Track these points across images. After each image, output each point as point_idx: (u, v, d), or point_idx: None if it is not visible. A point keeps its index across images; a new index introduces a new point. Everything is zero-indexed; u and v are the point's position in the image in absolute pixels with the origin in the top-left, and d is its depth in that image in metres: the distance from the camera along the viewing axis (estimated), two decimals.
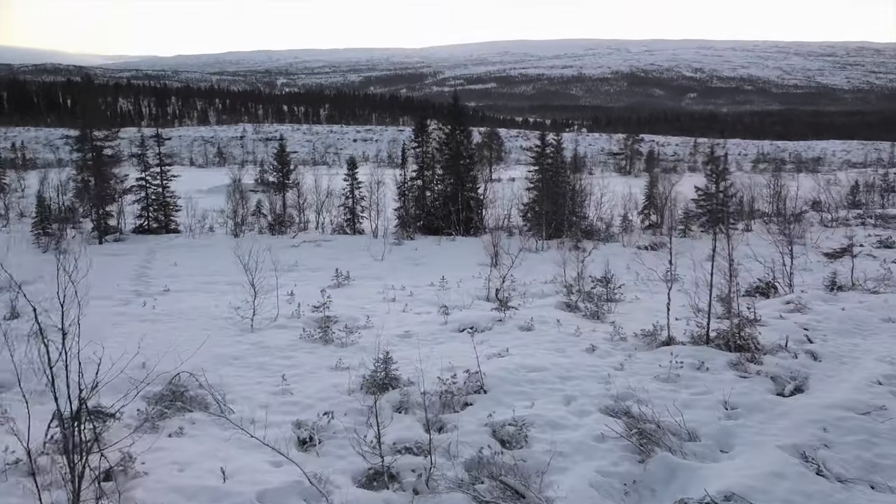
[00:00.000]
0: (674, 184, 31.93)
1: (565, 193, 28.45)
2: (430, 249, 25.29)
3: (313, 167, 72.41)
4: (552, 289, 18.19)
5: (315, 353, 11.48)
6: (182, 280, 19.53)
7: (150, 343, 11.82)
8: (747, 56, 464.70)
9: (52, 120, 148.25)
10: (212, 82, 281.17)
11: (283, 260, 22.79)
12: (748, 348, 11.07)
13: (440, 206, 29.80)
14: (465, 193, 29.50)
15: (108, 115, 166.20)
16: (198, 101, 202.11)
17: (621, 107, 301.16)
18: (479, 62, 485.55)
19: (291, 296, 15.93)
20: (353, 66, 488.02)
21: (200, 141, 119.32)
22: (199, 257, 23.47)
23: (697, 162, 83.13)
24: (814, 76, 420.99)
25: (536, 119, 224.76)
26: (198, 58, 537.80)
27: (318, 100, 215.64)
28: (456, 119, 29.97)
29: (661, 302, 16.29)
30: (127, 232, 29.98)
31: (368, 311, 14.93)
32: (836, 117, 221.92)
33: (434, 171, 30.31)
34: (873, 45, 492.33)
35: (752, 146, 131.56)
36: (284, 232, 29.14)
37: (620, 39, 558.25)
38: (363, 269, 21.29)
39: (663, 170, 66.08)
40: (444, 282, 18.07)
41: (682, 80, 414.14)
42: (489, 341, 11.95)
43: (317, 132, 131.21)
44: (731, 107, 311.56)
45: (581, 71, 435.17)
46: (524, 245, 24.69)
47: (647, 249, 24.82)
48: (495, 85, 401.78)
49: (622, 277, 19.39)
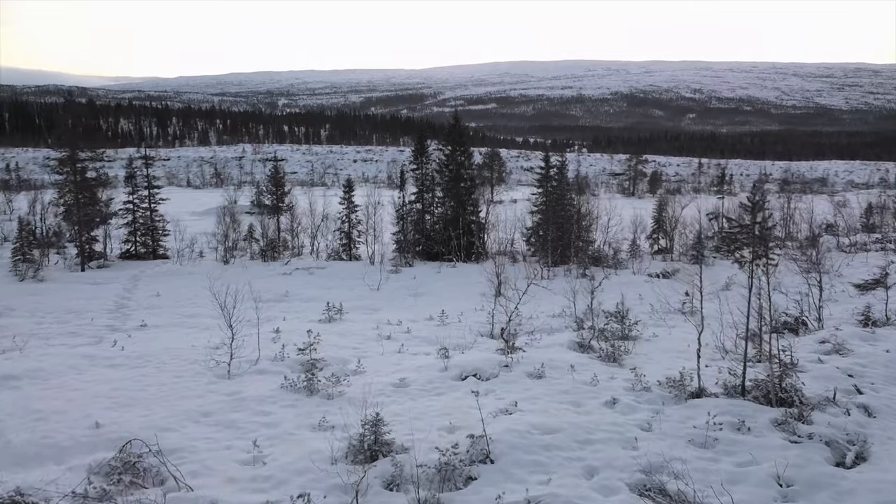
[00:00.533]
0: (683, 206, 30.71)
1: (571, 217, 27.20)
2: (430, 278, 23.95)
3: (311, 188, 71.44)
4: (561, 323, 16.82)
5: (297, 406, 10.08)
6: (162, 313, 18.17)
7: (111, 394, 10.46)
8: (746, 77, 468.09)
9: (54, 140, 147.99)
10: (213, 103, 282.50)
11: (273, 289, 21.49)
12: (792, 402, 9.67)
13: (440, 229, 28.55)
14: (466, 217, 28.26)
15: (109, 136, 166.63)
16: (198, 121, 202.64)
17: (621, 127, 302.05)
18: (479, 83, 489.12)
19: (277, 333, 14.57)
20: (354, 86, 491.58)
21: (200, 161, 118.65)
22: (185, 286, 22.13)
23: (702, 183, 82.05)
24: (812, 97, 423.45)
25: (537, 139, 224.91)
26: (200, 79, 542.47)
27: (318, 120, 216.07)
28: (456, 139, 28.88)
29: (681, 340, 14.95)
30: (113, 257, 28.69)
31: (361, 352, 13.56)
32: (835, 137, 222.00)
33: (434, 194, 29.13)
34: (871, 66, 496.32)
35: (754, 166, 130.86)
36: (277, 258, 27.85)
37: (620, 61, 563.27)
38: (358, 300, 19.95)
39: (667, 191, 64.96)
40: (444, 316, 16.72)
41: (681, 101, 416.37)
42: (495, 392, 10.56)
43: (316, 152, 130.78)
44: (730, 127, 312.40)
45: (581, 92, 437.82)
46: (529, 274, 23.37)
47: (660, 277, 23.50)
48: (495, 105, 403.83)
49: (636, 309, 18.02)
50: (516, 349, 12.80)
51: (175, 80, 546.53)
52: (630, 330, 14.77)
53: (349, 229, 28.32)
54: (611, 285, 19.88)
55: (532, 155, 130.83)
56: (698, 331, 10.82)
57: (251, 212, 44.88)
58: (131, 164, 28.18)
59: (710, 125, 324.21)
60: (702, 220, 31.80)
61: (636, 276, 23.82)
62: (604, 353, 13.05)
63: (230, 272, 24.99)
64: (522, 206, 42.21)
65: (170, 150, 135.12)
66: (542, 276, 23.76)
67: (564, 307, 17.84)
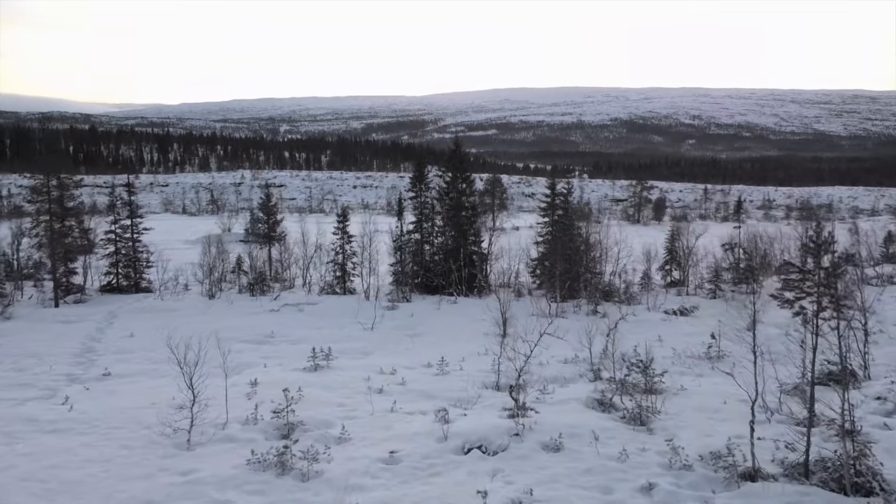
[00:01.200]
0: (697, 236, 29.11)
1: (579, 248, 25.55)
2: (429, 315, 22.19)
3: (309, 214, 70.05)
4: (575, 371, 15.04)
5: (265, 492, 8.28)
6: (131, 358, 16.39)
7: (43, 475, 8.65)
8: (744, 103, 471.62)
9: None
10: (215, 129, 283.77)
11: (258, 328, 19.76)
12: (871, 489, 7.88)
13: (440, 261, 26.89)
14: (467, 247, 26.62)
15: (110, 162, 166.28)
16: (199, 147, 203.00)
17: (621, 153, 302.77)
18: (479, 109, 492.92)
19: (254, 386, 12.78)
20: (356, 113, 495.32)
21: (199, 187, 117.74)
22: (163, 325, 20.29)
23: (709, 210, 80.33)
24: (811, 123, 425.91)
25: (537, 165, 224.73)
26: (203, 106, 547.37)
27: (319, 146, 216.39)
28: (457, 166, 27.43)
29: (714, 394, 13.18)
30: (93, 291, 26.97)
31: (347, 411, 11.78)
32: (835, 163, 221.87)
33: (433, 223, 27.53)
34: (868, 92, 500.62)
35: (758, 192, 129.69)
36: (266, 291, 26.14)
37: (619, 88, 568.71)
38: (349, 342, 18.17)
39: (672, 217, 63.31)
40: (444, 363, 14.93)
41: (680, 127, 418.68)
42: (504, 472, 8.75)
43: (316, 178, 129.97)
44: (729, 153, 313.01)
45: (580, 118, 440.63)
46: (536, 310, 21.64)
47: (678, 315, 21.73)
48: (496, 132, 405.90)
49: (656, 353, 16.22)
50: (527, 409, 11.02)
51: (178, 107, 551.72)
52: (655, 382, 12.99)
53: (343, 261, 26.66)
54: (625, 324, 18.12)
55: (533, 181, 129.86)
56: (751, 398, 9.04)
57: (245, 240, 43.23)
58: (114, 192, 26.65)
59: (709, 151, 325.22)
60: (715, 250, 30.17)
61: (652, 314, 22.05)
62: (629, 414, 11.26)
63: (214, 308, 23.29)
64: (525, 234, 40.60)
65: (168, 177, 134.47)
66: (549, 313, 22.01)
67: (577, 351, 16.08)
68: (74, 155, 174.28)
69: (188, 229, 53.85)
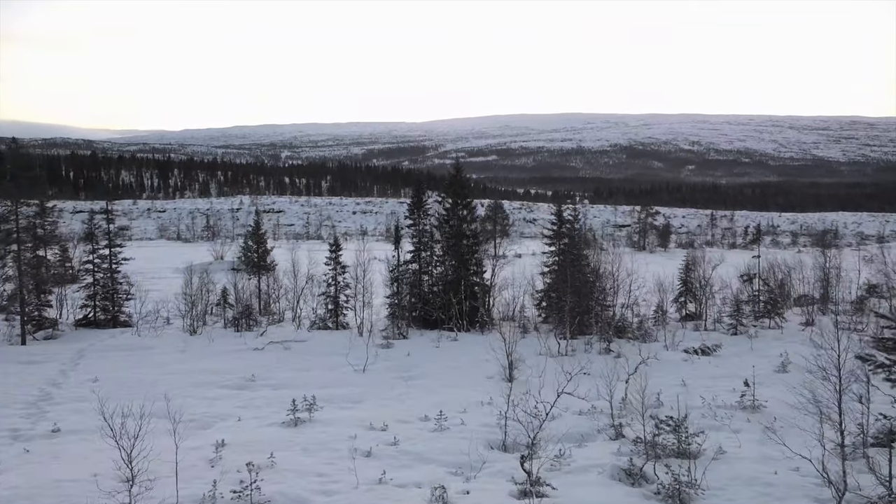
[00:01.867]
0: (714, 266, 27.39)
1: (588, 279, 23.80)
2: (427, 354, 20.34)
3: (306, 241, 68.45)
4: (592, 425, 13.16)
5: None
6: (88, 410, 14.45)
7: None
8: (743, 129, 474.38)
9: (55, 193, 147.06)
10: (217, 155, 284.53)
11: (237, 371, 17.90)
12: None
13: (440, 291, 25.10)
14: (468, 278, 24.84)
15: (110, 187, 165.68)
16: (200, 173, 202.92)
17: (621, 178, 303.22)
18: (479, 135, 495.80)
19: (219, 450, 10.91)
20: (356, 139, 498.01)
21: (196, 213, 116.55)
22: (133, 367, 18.51)
23: (715, 236, 78.57)
24: (809, 149, 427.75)
25: (538, 191, 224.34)
26: (205, 132, 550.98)
27: (320, 172, 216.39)
28: (458, 191, 25.85)
29: (759, 458, 11.26)
30: (68, 324, 25.20)
31: (326, 482, 9.91)
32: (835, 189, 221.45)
33: (432, 252, 25.82)
34: (865, 119, 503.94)
35: (761, 218, 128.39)
36: (252, 326, 24.33)
37: (618, 114, 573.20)
38: (338, 387, 16.32)
39: (678, 244, 61.55)
40: (443, 417, 13.06)
41: (679, 153, 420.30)
42: None
43: (315, 204, 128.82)
44: (729, 178, 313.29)
45: (580, 144, 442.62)
46: (544, 348, 19.81)
47: (699, 354, 19.88)
48: (496, 157, 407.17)
49: (681, 400, 14.37)
50: (541, 484, 9.16)
51: (180, 133, 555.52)
52: (689, 442, 11.13)
53: (336, 293, 24.90)
54: (639, 359, 16.22)
55: (534, 206, 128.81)
56: (823, 476, 7.20)
57: (238, 268, 41.56)
58: (92, 219, 25.03)
59: (709, 176, 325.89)
60: (731, 280, 28.42)
61: (671, 353, 20.19)
62: (664, 490, 9.38)
63: (193, 346, 21.45)
64: (529, 261, 38.85)
65: (166, 202, 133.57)
66: (558, 352, 20.18)
67: (593, 399, 14.21)
68: (75, 181, 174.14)
69: (180, 256, 52.15)
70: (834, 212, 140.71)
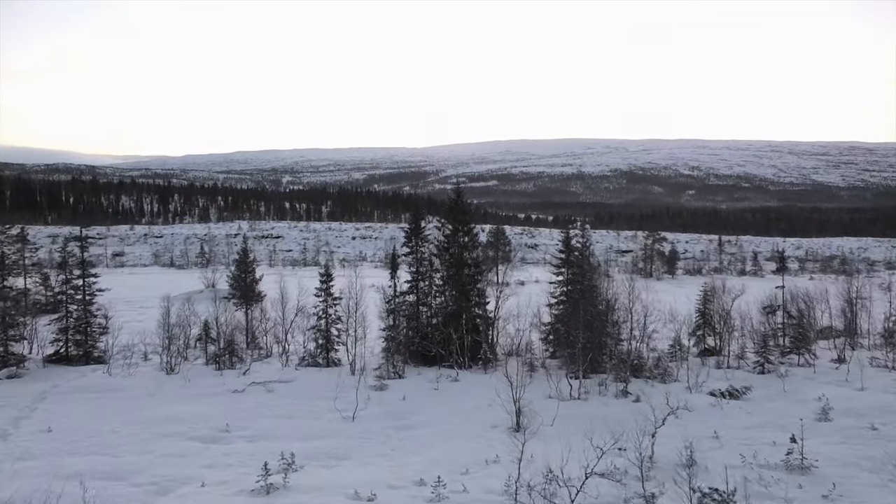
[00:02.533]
0: (734, 297, 25.51)
1: (600, 313, 21.91)
2: (424, 397, 18.37)
3: (303, 268, 66.59)
4: (618, 494, 11.19)
5: None
6: (32, 469, 12.55)
7: None
8: (743, 155, 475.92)
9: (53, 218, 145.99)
10: (218, 181, 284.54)
11: (212, 418, 15.94)
12: None
13: (439, 324, 23.18)
14: (470, 311, 22.96)
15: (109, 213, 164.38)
16: (200, 198, 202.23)
17: (621, 203, 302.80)
18: (480, 161, 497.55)
19: None
20: (357, 164, 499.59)
21: (193, 239, 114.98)
22: (97, 412, 16.57)
23: (724, 262, 76.39)
24: (809, 174, 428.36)
25: (539, 216, 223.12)
26: (207, 157, 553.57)
27: (320, 197, 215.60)
28: (458, 217, 24.15)
29: None
30: (36, 361, 23.24)
31: None
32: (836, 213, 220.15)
33: (431, 282, 23.98)
34: (864, 144, 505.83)
35: (765, 243, 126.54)
36: (236, 363, 22.39)
37: (618, 139, 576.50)
38: (322, 439, 14.36)
39: (686, 271, 59.58)
40: (440, 482, 11.11)
41: (679, 178, 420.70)
42: None
43: (315, 229, 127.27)
44: (729, 203, 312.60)
45: (580, 169, 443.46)
46: (554, 391, 17.86)
47: (726, 398, 17.89)
48: (496, 182, 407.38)
49: (717, 458, 12.49)
50: None
51: (182, 159, 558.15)
52: None
53: (327, 327, 22.99)
54: (663, 404, 14.22)
55: (536, 232, 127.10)
56: None
57: (229, 296, 39.70)
58: (65, 248, 23.27)
59: (709, 201, 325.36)
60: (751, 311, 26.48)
61: (695, 396, 18.20)
62: None
63: (167, 388, 19.49)
64: (533, 290, 36.90)
65: (164, 227, 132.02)
66: (570, 395, 18.22)
67: (613, 455, 12.25)
68: (75, 206, 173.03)
69: (171, 284, 50.24)
70: (838, 237, 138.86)
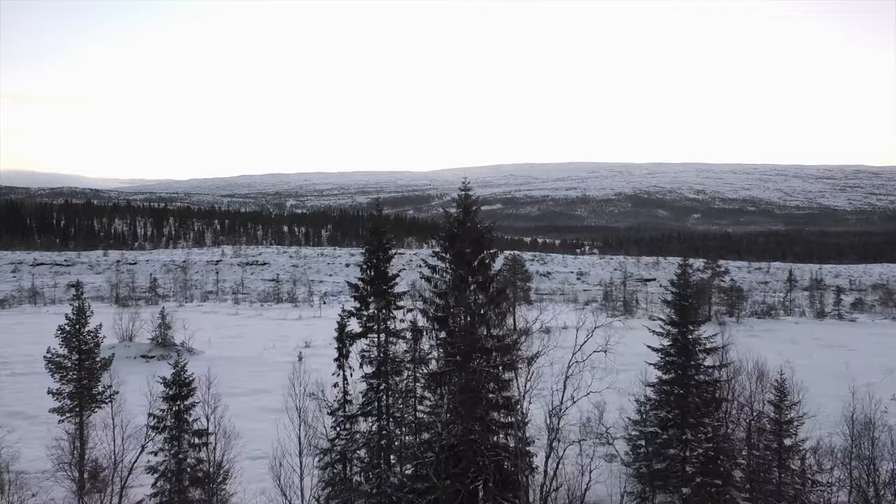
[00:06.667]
0: None
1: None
2: None
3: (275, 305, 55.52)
4: None
5: None
6: None
7: None
8: (747, 178, 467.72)
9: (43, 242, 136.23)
10: (222, 204, 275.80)
11: None
12: None
13: (429, 475, 11.89)
14: (489, 441, 11.80)
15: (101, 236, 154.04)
16: (196, 221, 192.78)
17: (626, 227, 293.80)
18: (484, 184, 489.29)
19: None
20: (362, 188, 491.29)
21: (170, 266, 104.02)
22: None
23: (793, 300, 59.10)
24: (815, 198, 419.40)
25: (545, 240, 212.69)
26: (211, 181, 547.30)
27: (320, 220, 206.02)
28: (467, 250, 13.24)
29: None
30: None
31: None
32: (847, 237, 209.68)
33: (407, 391, 12.75)
34: (869, 167, 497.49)
35: (798, 270, 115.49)
36: None
37: (622, 162, 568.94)
38: None
39: (753, 314, 46.48)
40: None
41: (685, 202, 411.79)
42: None
43: (305, 255, 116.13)
44: (735, 227, 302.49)
45: (585, 192, 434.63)
46: None
47: None
48: (501, 206, 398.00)
49: None
50: None
51: (187, 182, 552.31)
52: None
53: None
54: None
55: (548, 258, 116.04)
56: None
57: (149, 355, 29.29)
58: None
59: (714, 225, 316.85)
60: None
61: None
62: None
63: None
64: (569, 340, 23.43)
65: (139, 254, 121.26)
66: None
67: None
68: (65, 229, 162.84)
69: None
70: (878, 263, 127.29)
